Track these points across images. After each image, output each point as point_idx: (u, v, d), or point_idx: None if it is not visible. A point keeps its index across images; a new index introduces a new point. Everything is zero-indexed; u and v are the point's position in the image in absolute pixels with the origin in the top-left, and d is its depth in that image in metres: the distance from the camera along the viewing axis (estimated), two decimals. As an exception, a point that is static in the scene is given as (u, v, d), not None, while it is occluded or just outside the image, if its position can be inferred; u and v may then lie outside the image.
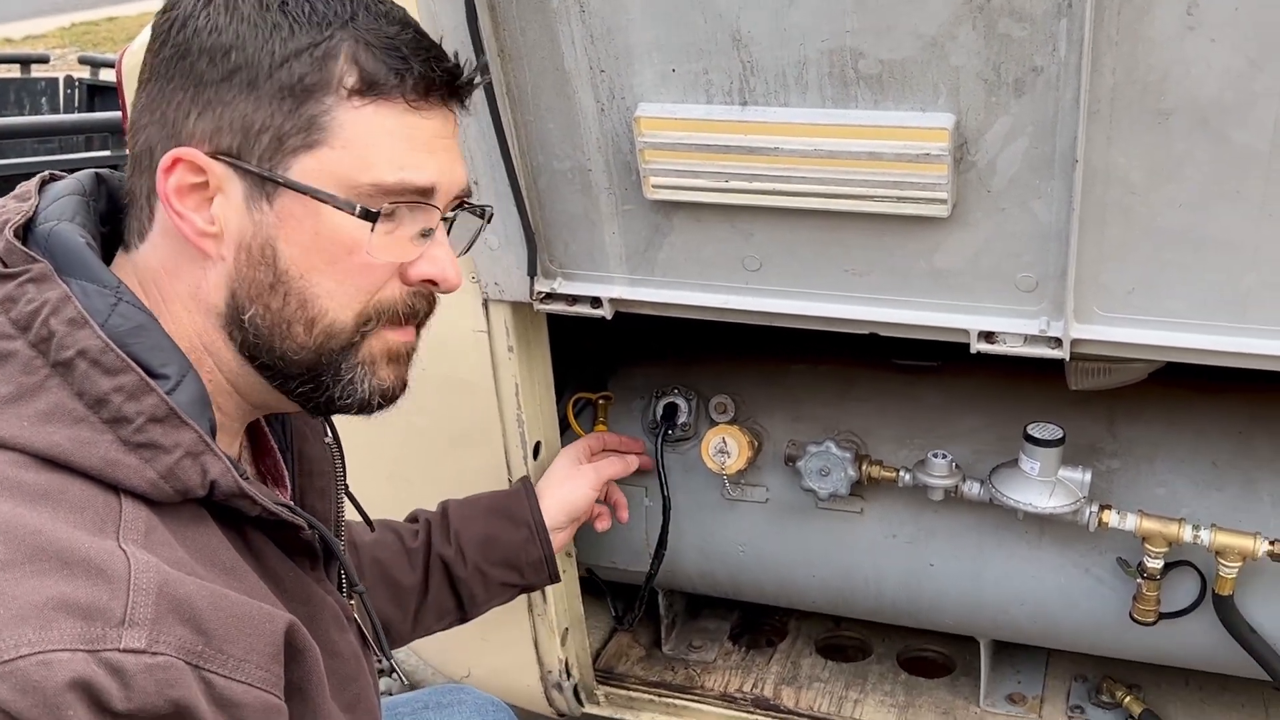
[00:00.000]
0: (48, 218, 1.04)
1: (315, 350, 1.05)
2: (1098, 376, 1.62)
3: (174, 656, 0.86)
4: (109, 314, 0.98)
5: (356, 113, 1.01)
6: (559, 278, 1.68)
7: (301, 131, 1.00)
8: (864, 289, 1.53)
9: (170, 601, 0.88)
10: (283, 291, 1.03)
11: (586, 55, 1.43)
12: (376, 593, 1.64)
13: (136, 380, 0.95)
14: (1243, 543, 1.64)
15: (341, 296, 1.04)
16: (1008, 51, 1.27)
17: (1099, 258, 1.38)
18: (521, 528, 1.73)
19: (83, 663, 0.82)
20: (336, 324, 1.05)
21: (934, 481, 1.79)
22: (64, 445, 0.92)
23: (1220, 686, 2.05)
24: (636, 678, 2.21)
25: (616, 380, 2.16)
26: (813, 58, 1.34)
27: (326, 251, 1.02)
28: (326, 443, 1.31)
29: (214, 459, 0.98)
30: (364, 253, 1.03)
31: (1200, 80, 1.22)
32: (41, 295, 0.95)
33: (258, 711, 0.92)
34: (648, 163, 1.47)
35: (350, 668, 1.20)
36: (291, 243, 1.02)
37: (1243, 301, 1.36)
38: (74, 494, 0.91)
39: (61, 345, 0.94)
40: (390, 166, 1.03)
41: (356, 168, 1.01)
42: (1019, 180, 1.36)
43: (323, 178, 1.01)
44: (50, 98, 5.49)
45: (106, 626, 0.84)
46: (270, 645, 0.95)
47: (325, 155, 1.01)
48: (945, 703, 2.09)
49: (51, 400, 0.93)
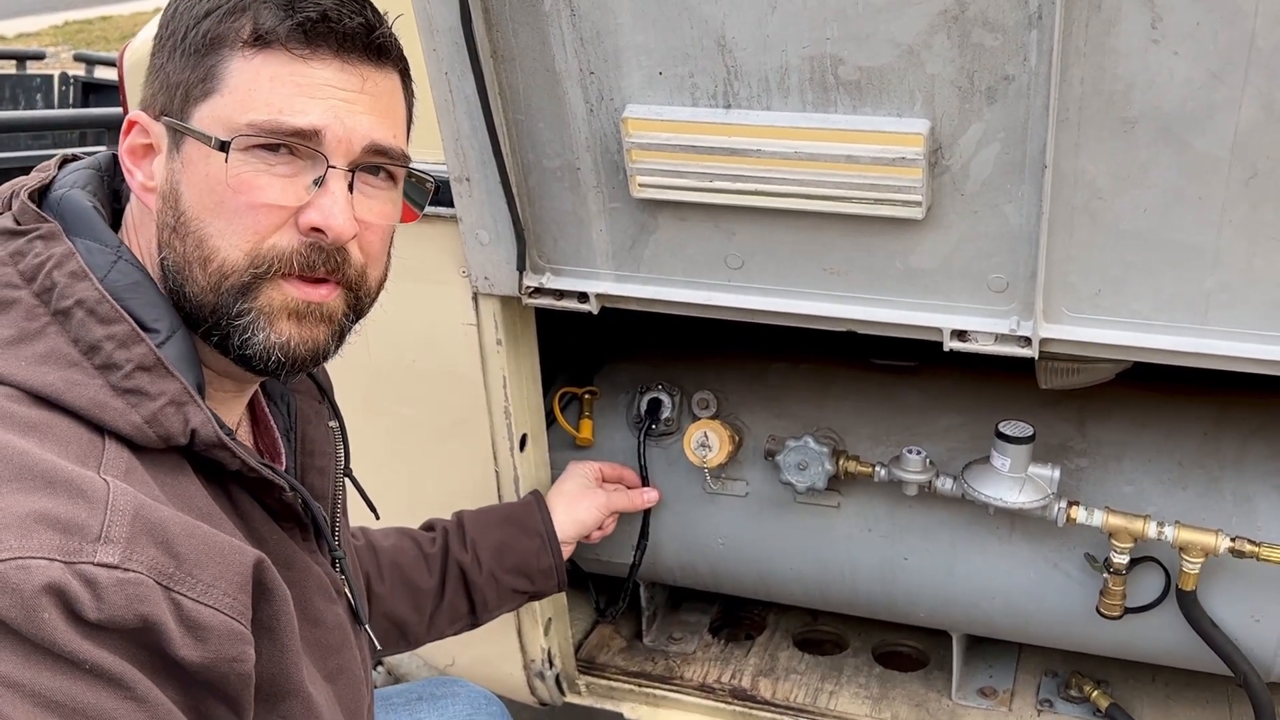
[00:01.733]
0: (61, 185, 1.13)
1: (213, 291, 1.08)
2: (1067, 376, 1.67)
3: (145, 574, 0.91)
4: (109, 270, 1.06)
5: (246, 62, 1.07)
6: (547, 273, 1.72)
7: (201, 82, 1.08)
8: (842, 288, 1.58)
9: (145, 524, 0.93)
10: (184, 233, 1.08)
11: (577, 57, 1.48)
12: (396, 595, 1.69)
13: (128, 330, 1.02)
14: (1205, 539, 1.69)
15: (231, 236, 1.07)
16: (981, 60, 1.32)
17: (1067, 260, 1.43)
18: (534, 537, 1.79)
19: (59, 571, 0.87)
20: (228, 263, 1.08)
21: (908, 477, 1.84)
22: (56, 385, 0.98)
23: (1185, 683, 2.10)
24: (617, 668, 2.25)
25: (602, 375, 2.21)
26: (794, 64, 1.39)
27: (215, 192, 1.07)
28: (330, 426, 1.35)
29: (196, 409, 1.03)
30: (265, 196, 1.07)
31: (1163, 91, 1.28)
32: (48, 250, 1.04)
33: (223, 636, 0.95)
34: (635, 162, 1.52)
35: (335, 638, 1.24)
36: (190, 185, 1.08)
37: (1205, 304, 1.41)
38: (61, 429, 0.97)
39: (62, 295, 1.01)
40: (267, 108, 1.07)
41: (237, 110, 1.07)
42: (991, 184, 1.41)
43: (212, 123, 1.07)
44: (45, 94, 5.49)
45: (83, 541, 0.89)
46: (238, 575, 0.98)
47: (216, 102, 1.08)
48: (918, 695, 2.14)
49: (49, 344, 1.00)
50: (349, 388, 1.97)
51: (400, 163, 1.17)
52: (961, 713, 2.09)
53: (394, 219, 1.19)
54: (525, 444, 1.94)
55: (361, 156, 1.12)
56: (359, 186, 1.12)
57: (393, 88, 1.16)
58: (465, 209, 1.67)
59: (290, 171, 1.08)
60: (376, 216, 1.16)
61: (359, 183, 1.12)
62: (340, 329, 1.16)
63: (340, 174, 1.10)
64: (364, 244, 1.15)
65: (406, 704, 1.77)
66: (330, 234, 1.09)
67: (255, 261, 1.08)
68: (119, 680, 0.89)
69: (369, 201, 1.15)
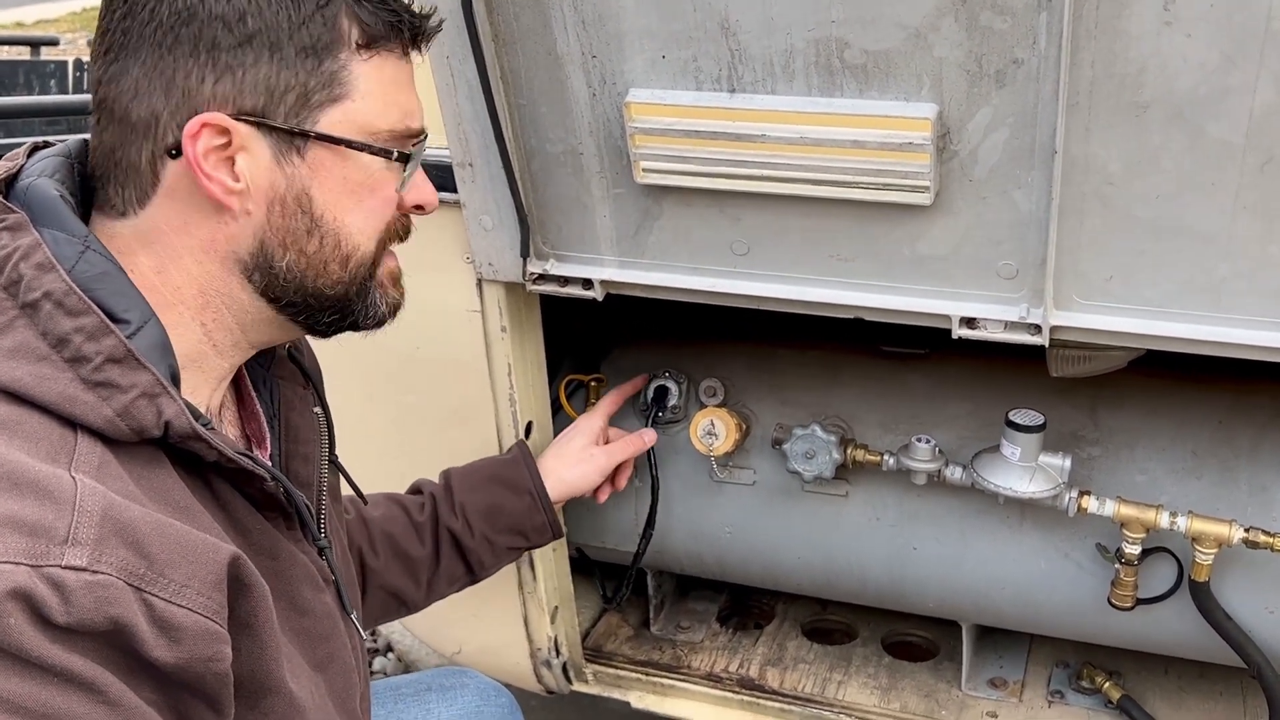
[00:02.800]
0: (28, 174, 1.10)
1: (349, 282, 1.17)
2: (1077, 364, 1.64)
3: (115, 576, 0.89)
4: (76, 260, 1.03)
5: (366, 65, 1.11)
6: (551, 259, 1.71)
7: (325, 87, 1.09)
8: (849, 274, 1.56)
9: (114, 525, 0.91)
10: (319, 235, 1.13)
11: (579, 41, 1.46)
12: (390, 567, 1.69)
13: (97, 322, 1.00)
14: (1219, 529, 1.66)
15: (368, 230, 1.17)
16: (989, 44, 1.29)
17: (1077, 246, 1.41)
18: (524, 495, 1.78)
19: (25, 575, 0.85)
20: (366, 254, 1.17)
21: (917, 466, 1.82)
22: (25, 380, 0.96)
23: (1198, 674, 2.08)
24: (624, 657, 2.24)
25: (608, 363, 2.19)
26: (799, 47, 1.36)
27: (355, 194, 1.14)
28: (315, 412, 1.34)
29: (169, 401, 1.01)
30: (391, 190, 1.17)
31: (1176, 74, 1.25)
32: (15, 242, 1.01)
33: (197, 636, 0.94)
34: (638, 147, 1.50)
35: (323, 627, 1.23)
36: (325, 189, 1.12)
37: (1217, 291, 1.39)
38: (31, 426, 0.95)
39: (29, 287, 0.99)
40: (400, 112, 1.15)
41: (375, 115, 1.12)
42: (1000, 170, 1.39)
43: (348, 128, 1.11)
44: (59, 80, 5.51)
45: (50, 544, 0.87)
46: (212, 574, 0.97)
47: (349, 107, 1.11)
48: (927, 686, 2.12)
49: (17, 339, 0.98)
50: (351, 376, 1.96)
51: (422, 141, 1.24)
52: (971, 703, 2.07)
53: None
54: (530, 432, 1.93)
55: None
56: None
57: None
58: (468, 194, 1.66)
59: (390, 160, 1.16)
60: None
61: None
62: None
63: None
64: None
65: (416, 694, 1.77)
66: (429, 208, 1.24)
67: (381, 245, 1.19)
68: (91, 684, 0.87)
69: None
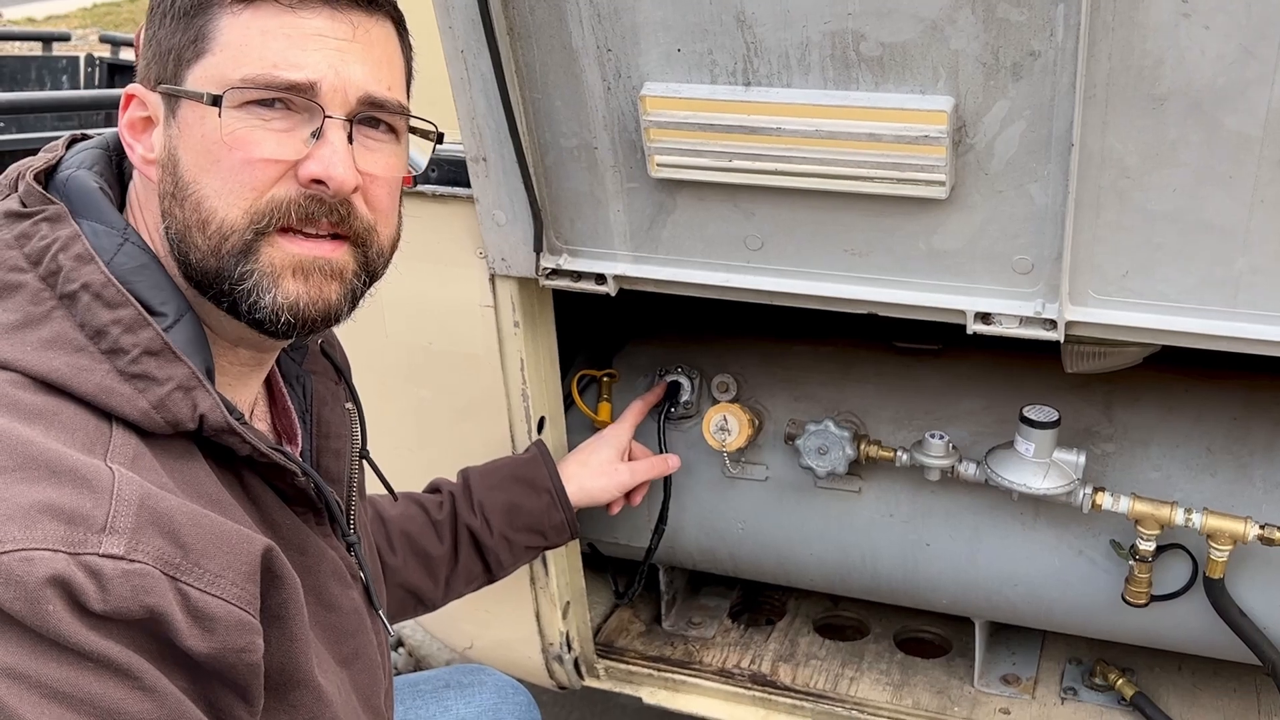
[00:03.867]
0: (68, 165, 1.11)
1: (214, 254, 1.06)
2: (1093, 360, 1.64)
3: (151, 565, 0.90)
4: (115, 253, 1.04)
5: (235, 18, 1.05)
6: (564, 254, 1.70)
7: (191, 44, 1.06)
8: (863, 269, 1.55)
9: (150, 514, 0.92)
10: (182, 198, 1.07)
11: (594, 34, 1.45)
12: (409, 565, 1.69)
13: (134, 314, 1.00)
14: (1234, 526, 1.66)
15: (228, 195, 1.05)
16: (1006, 36, 1.29)
17: (1094, 240, 1.40)
18: (543, 494, 1.78)
19: (63, 563, 0.86)
20: (227, 223, 1.05)
21: (931, 462, 1.81)
22: (62, 370, 0.97)
23: (1213, 672, 2.07)
24: (636, 652, 2.24)
25: (621, 358, 2.19)
26: (815, 39, 1.36)
27: (211, 152, 1.05)
28: (347, 408, 1.34)
29: (204, 394, 1.02)
30: (256, 151, 1.05)
31: (1194, 66, 1.24)
32: (54, 233, 1.02)
33: (231, 627, 0.94)
34: (653, 141, 1.50)
35: (350, 623, 1.23)
36: (187, 149, 1.07)
37: (1234, 286, 1.38)
38: (67, 416, 0.96)
39: (68, 279, 1.00)
40: (261, 62, 1.05)
41: (231, 67, 1.05)
42: (1016, 163, 1.38)
43: (206, 83, 1.06)
44: (71, 75, 5.52)
45: (88, 532, 0.88)
46: (246, 565, 0.97)
47: (209, 61, 1.06)
48: (940, 682, 2.12)
49: (55, 329, 0.99)
50: (365, 370, 1.96)
51: (398, 113, 1.14)
52: (984, 700, 2.06)
53: (399, 171, 1.16)
54: (543, 426, 1.93)
55: (358, 108, 1.09)
56: (358, 139, 1.10)
57: (386, 36, 1.13)
58: (482, 189, 1.66)
59: (287, 126, 1.06)
60: (381, 169, 1.13)
61: (359, 135, 1.10)
62: (352, 289, 1.13)
63: (338, 124, 1.07)
64: (370, 198, 1.12)
65: (434, 691, 1.78)
66: (331, 184, 1.07)
67: (255, 217, 1.06)
68: (126, 671, 0.88)
69: (370, 154, 1.12)
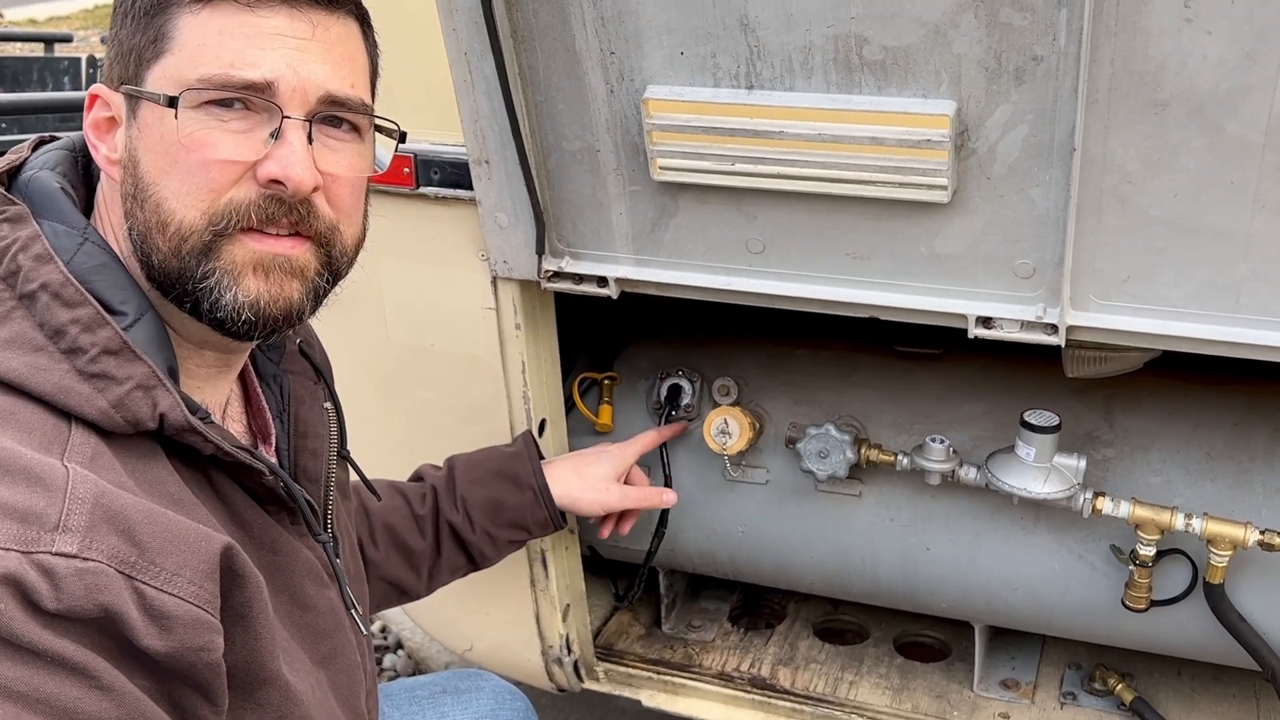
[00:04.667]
0: (31, 166, 1.11)
1: (175, 255, 1.05)
2: (1094, 364, 1.64)
3: (105, 564, 0.89)
4: (75, 252, 1.04)
5: (193, 17, 1.05)
6: (566, 257, 1.70)
7: (151, 44, 1.06)
8: (865, 273, 1.55)
9: (105, 512, 0.91)
10: (142, 200, 1.06)
11: (597, 37, 1.46)
12: (390, 558, 1.69)
13: (93, 314, 1.00)
14: (1234, 532, 1.66)
15: (186, 196, 1.05)
16: (1008, 40, 1.29)
17: (1095, 245, 1.41)
18: (526, 491, 1.77)
19: (15, 561, 0.85)
20: (185, 224, 1.05)
21: (931, 466, 1.82)
22: (20, 370, 0.97)
23: (1212, 677, 2.07)
24: (636, 655, 2.24)
25: (622, 360, 2.19)
26: (818, 43, 1.36)
27: (170, 153, 1.05)
28: (325, 407, 1.33)
29: (165, 394, 1.01)
30: (212, 153, 1.04)
31: (1196, 71, 1.24)
32: (14, 234, 1.02)
33: (188, 625, 0.93)
34: (655, 144, 1.50)
35: (327, 622, 1.22)
36: (147, 150, 1.06)
37: (1236, 291, 1.38)
38: (25, 416, 0.96)
39: (27, 278, 1.00)
40: (218, 62, 1.04)
41: (188, 67, 1.05)
42: (1018, 168, 1.38)
43: (165, 83, 1.05)
44: (73, 76, 5.53)
45: (41, 530, 0.87)
46: (204, 563, 0.96)
47: (167, 62, 1.06)
48: (939, 687, 2.12)
49: (14, 329, 0.99)
50: (366, 372, 1.96)
51: (360, 112, 1.13)
52: (983, 704, 2.06)
53: (363, 171, 1.15)
54: (544, 429, 1.93)
55: (318, 107, 1.09)
56: (319, 139, 1.09)
57: (347, 34, 1.12)
58: (484, 191, 1.66)
59: (245, 127, 1.06)
60: (343, 169, 1.12)
61: (320, 135, 1.09)
62: (314, 288, 1.12)
63: (297, 124, 1.07)
64: (332, 198, 1.12)
65: (431, 696, 1.77)
66: (290, 184, 1.06)
67: (213, 219, 1.05)
68: (83, 670, 0.87)
69: (332, 154, 1.11)
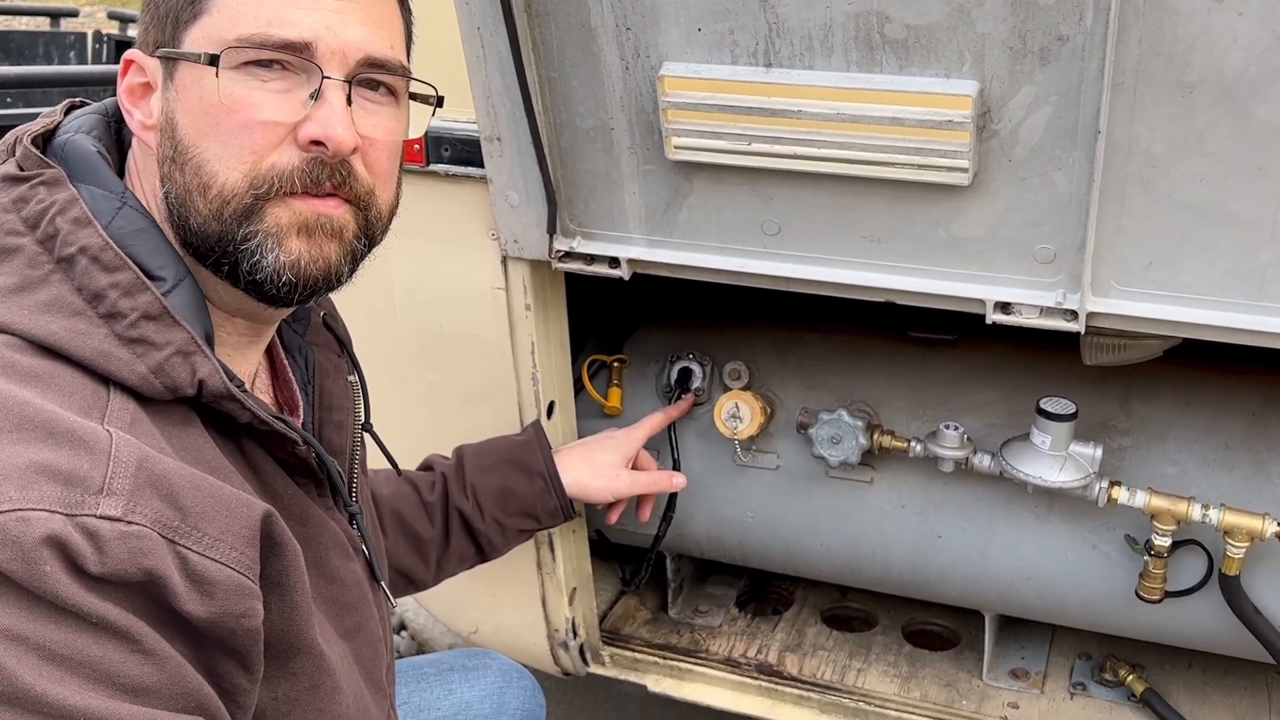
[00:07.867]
0: (66, 130, 1.10)
1: (215, 218, 1.04)
2: (1112, 352, 1.62)
3: (148, 527, 0.88)
4: (113, 216, 1.03)
5: None
6: (578, 236, 1.68)
7: (189, 5, 1.05)
8: (882, 256, 1.53)
9: (148, 476, 0.90)
10: (182, 162, 1.05)
11: (613, 12, 1.43)
12: (399, 546, 1.68)
13: (133, 278, 0.99)
14: (1251, 523, 1.64)
15: (229, 159, 1.04)
16: (1034, 19, 1.26)
17: (1118, 230, 1.38)
18: (536, 479, 1.76)
19: (60, 523, 0.84)
20: (228, 187, 1.04)
21: (945, 453, 1.79)
22: (60, 334, 0.96)
23: (1224, 669, 2.06)
24: (642, 640, 2.22)
25: (632, 343, 2.17)
26: (839, 20, 1.34)
27: (210, 115, 1.04)
28: (349, 380, 1.33)
29: (204, 360, 1.00)
30: (253, 114, 1.04)
31: (1225, 53, 1.22)
32: (51, 197, 1.01)
33: (230, 591, 0.93)
34: (670, 123, 1.47)
35: (352, 595, 1.22)
36: (185, 111, 1.05)
37: (1260, 279, 1.36)
38: (64, 380, 0.95)
39: (65, 242, 0.99)
40: (256, 21, 1.03)
41: (227, 26, 1.04)
42: (1041, 150, 1.36)
43: (203, 43, 1.04)
44: (78, 51, 5.51)
45: (85, 493, 0.87)
46: (245, 529, 0.96)
47: (205, 22, 1.05)
48: (948, 675, 2.10)
49: (53, 293, 0.98)
50: (375, 352, 1.94)
51: (399, 74, 1.13)
52: (992, 694, 2.05)
53: (399, 135, 1.15)
54: (553, 411, 1.91)
55: (357, 69, 1.08)
56: (358, 101, 1.08)
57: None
58: (495, 169, 1.63)
59: (285, 87, 1.05)
60: (381, 132, 1.12)
61: (357, 97, 1.08)
62: (352, 251, 1.12)
63: (337, 85, 1.06)
64: (370, 161, 1.11)
65: (439, 674, 1.77)
66: (331, 145, 1.05)
67: (255, 183, 1.04)
68: (126, 633, 0.87)
69: (370, 117, 1.10)
